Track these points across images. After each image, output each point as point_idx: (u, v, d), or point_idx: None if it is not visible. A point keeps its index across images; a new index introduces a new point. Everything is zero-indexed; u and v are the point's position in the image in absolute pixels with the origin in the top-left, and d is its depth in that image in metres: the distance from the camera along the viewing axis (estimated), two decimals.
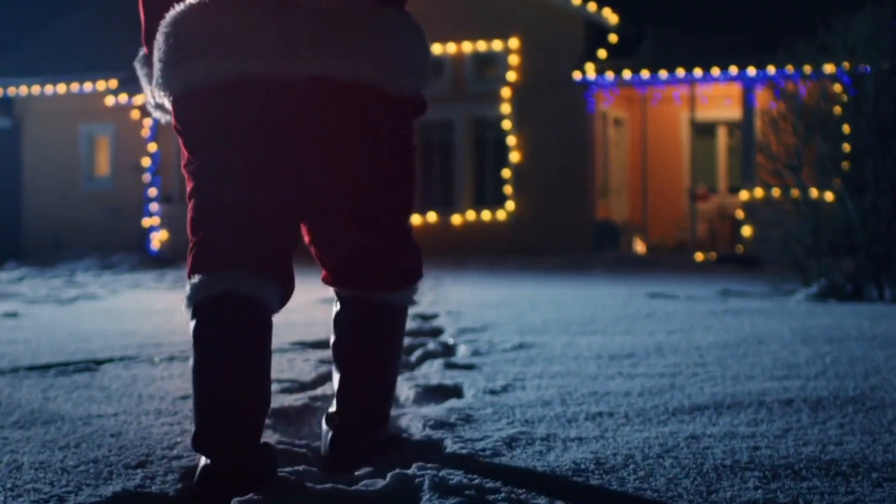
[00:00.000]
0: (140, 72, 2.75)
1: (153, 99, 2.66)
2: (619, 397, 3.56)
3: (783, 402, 3.43)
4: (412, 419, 3.23)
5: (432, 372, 4.28)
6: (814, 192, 9.25)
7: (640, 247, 19.50)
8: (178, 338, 5.63)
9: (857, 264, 8.82)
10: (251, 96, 2.44)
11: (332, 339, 2.80)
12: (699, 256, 18.21)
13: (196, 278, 2.44)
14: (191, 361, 2.45)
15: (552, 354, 4.73)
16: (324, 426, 2.81)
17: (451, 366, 4.42)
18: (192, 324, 2.44)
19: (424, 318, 6.86)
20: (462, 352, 4.95)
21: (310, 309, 7.53)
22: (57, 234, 22.27)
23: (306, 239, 2.72)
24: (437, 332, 5.94)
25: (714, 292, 9.23)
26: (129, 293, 10.60)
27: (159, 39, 2.50)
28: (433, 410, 3.36)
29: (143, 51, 2.73)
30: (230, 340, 2.41)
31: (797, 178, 9.30)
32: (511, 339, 5.39)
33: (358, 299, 2.73)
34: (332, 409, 2.78)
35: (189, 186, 2.53)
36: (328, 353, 4.05)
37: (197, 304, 2.43)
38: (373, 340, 2.76)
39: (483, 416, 3.23)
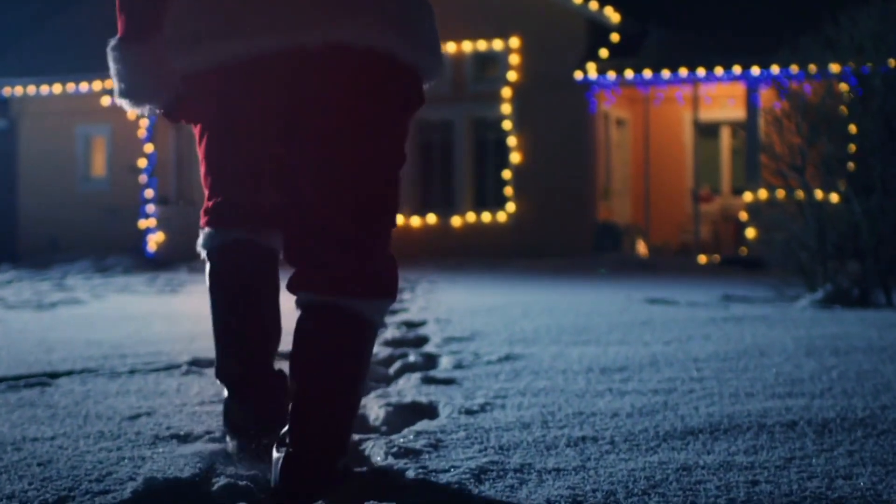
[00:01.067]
0: (111, 57, 2.59)
1: (120, 85, 2.57)
2: (605, 419, 3.25)
3: (786, 424, 3.12)
4: (375, 444, 2.93)
5: (408, 387, 3.97)
6: (818, 194, 8.94)
7: (642, 249, 19.18)
8: (146, 348, 5.33)
9: (863, 268, 8.51)
10: (270, 72, 2.36)
11: (291, 351, 2.46)
12: (702, 259, 17.90)
13: (209, 230, 2.68)
14: (208, 304, 2.73)
15: (539, 368, 4.43)
16: (274, 452, 2.46)
17: (429, 380, 4.11)
18: (207, 267, 2.70)
19: (411, 325, 6.55)
20: (444, 364, 4.64)
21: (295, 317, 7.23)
22: (53, 235, 21.98)
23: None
24: (421, 342, 5.63)
25: (715, 297, 8.92)
26: (113, 298, 10.31)
27: (175, 22, 2.47)
28: (400, 433, 3.06)
29: (116, 37, 2.59)
30: (235, 275, 2.63)
31: (801, 179, 8.97)
32: (498, 349, 5.09)
33: (324, 306, 2.41)
34: (284, 429, 2.47)
35: (200, 153, 2.64)
36: None
37: (210, 251, 2.68)
38: (337, 353, 2.42)
39: (454, 442, 2.92)
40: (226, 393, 2.81)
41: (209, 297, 2.72)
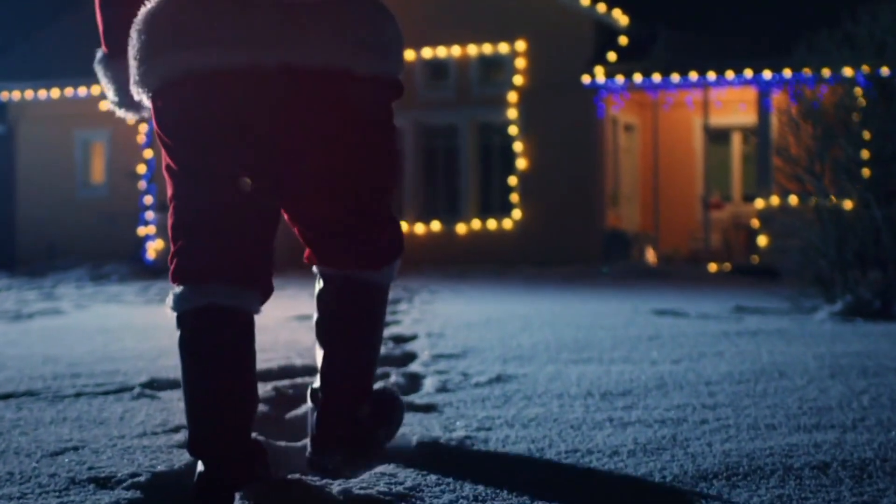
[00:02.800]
0: (100, 72, 2.74)
1: (115, 97, 2.73)
2: (604, 458, 2.78)
3: (816, 467, 2.64)
4: (329, 491, 2.45)
5: None
6: (834, 199, 8.45)
7: (651, 257, 18.71)
8: (104, 366, 4.86)
9: (886, 278, 8.01)
10: (224, 89, 2.40)
11: (315, 317, 2.80)
12: (713, 267, 17.40)
13: (178, 289, 2.48)
14: (180, 369, 2.52)
15: (533, 391, 3.96)
16: (308, 402, 2.84)
17: (407, 407, 3.63)
18: (178, 333, 2.50)
19: (399, 340, 6.06)
20: (427, 386, 4.16)
21: (276, 329, 6.77)
22: (51, 242, 21.58)
23: (286, 216, 2.67)
24: (407, 359, 5.15)
25: (727, 309, 8.43)
26: (98, 308, 9.85)
27: (133, 37, 2.49)
28: (361, 477, 2.59)
29: (101, 51, 2.72)
30: (213, 349, 2.46)
31: (818, 184, 8.48)
32: (490, 369, 4.62)
33: (341, 278, 2.72)
34: (316, 384, 2.80)
35: (169, 190, 2.53)
36: (280, 384, 3.96)
37: (180, 315, 2.48)
38: (356, 319, 2.75)
39: (421, 492, 2.45)
40: (200, 467, 2.44)
41: (180, 364, 2.49)
